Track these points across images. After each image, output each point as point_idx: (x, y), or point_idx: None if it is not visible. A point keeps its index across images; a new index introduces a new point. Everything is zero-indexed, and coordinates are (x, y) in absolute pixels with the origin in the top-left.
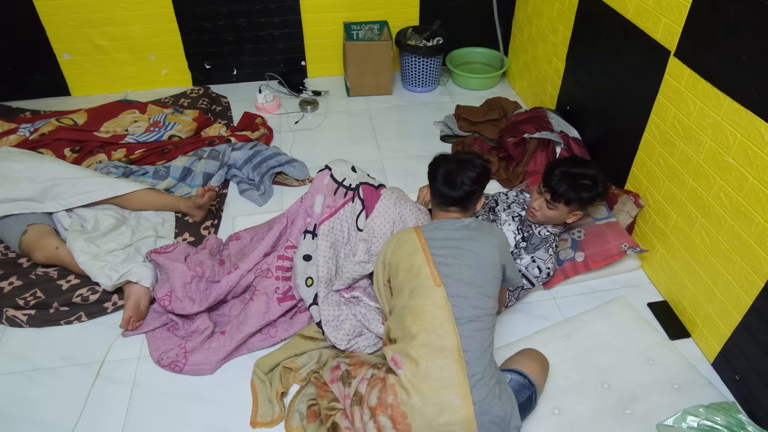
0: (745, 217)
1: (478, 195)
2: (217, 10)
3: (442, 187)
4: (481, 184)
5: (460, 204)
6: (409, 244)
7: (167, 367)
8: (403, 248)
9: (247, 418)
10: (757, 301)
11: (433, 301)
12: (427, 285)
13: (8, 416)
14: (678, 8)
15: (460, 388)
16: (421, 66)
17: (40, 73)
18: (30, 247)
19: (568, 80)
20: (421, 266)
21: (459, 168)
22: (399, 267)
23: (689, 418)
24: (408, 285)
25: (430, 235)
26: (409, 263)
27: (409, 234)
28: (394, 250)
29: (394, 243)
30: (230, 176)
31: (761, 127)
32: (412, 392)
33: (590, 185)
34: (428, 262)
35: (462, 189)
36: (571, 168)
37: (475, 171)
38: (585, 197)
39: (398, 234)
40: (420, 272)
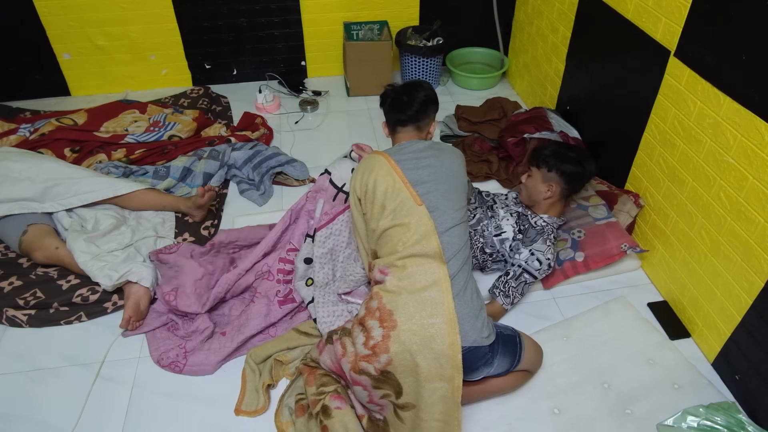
0: (745, 217)
1: (429, 112)
2: (217, 10)
3: (393, 108)
4: (429, 103)
5: (413, 122)
6: (380, 166)
7: (167, 367)
8: (374, 171)
9: (247, 419)
10: (757, 301)
11: (417, 219)
12: (409, 206)
13: (8, 416)
14: (678, 8)
15: (442, 285)
16: (421, 66)
17: (40, 73)
18: (30, 247)
19: (568, 80)
20: (399, 188)
21: (406, 88)
22: (375, 190)
23: (689, 418)
24: (389, 206)
25: (398, 157)
26: (385, 184)
27: (376, 159)
28: (363, 176)
29: (361, 170)
30: (230, 176)
31: (761, 127)
32: (398, 292)
33: (573, 158)
34: (405, 183)
35: (412, 108)
36: (560, 145)
37: (420, 92)
38: (561, 167)
39: (363, 162)
40: (399, 194)
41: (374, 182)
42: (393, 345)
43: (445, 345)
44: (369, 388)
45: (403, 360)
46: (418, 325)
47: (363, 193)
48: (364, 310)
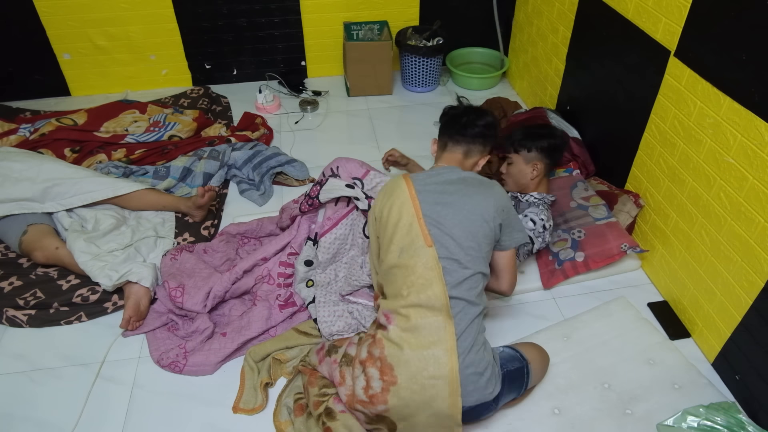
0: (745, 217)
1: (485, 144)
2: (217, 10)
3: (455, 124)
4: (490, 132)
5: (467, 142)
6: (399, 193)
7: (167, 367)
8: (392, 197)
9: (247, 418)
10: (758, 301)
11: (423, 263)
12: (418, 245)
13: (8, 416)
14: (678, 8)
15: (447, 343)
16: (421, 66)
17: (41, 73)
18: (30, 247)
19: (568, 80)
20: (411, 223)
21: (473, 111)
22: (389, 219)
23: (689, 418)
24: (397, 242)
25: (422, 187)
26: (399, 215)
27: (398, 184)
28: (382, 199)
29: (383, 192)
30: (230, 176)
31: (761, 127)
32: (400, 345)
33: (545, 133)
34: (419, 219)
35: (474, 128)
36: (528, 127)
37: (487, 117)
38: (540, 144)
39: (388, 183)
40: (410, 230)
41: (389, 210)
42: (392, 399)
43: (445, 405)
44: (362, 422)
45: (401, 411)
46: (419, 385)
47: (378, 217)
48: (366, 354)
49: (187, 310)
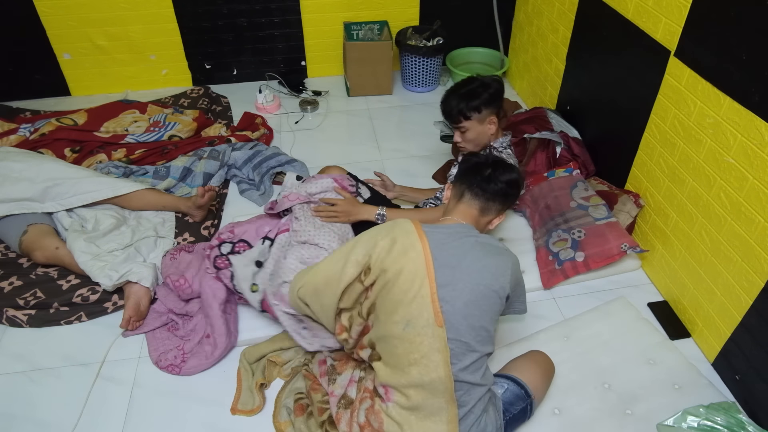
0: (745, 217)
1: (505, 203)
2: (217, 10)
3: (475, 175)
4: (513, 192)
5: (486, 197)
6: (414, 255)
7: (165, 369)
8: (404, 258)
9: (246, 418)
10: (758, 301)
11: (430, 343)
12: (427, 322)
13: (8, 416)
14: (678, 8)
15: (449, 425)
16: (421, 66)
17: (41, 73)
18: (30, 247)
19: (568, 80)
20: (424, 296)
21: (497, 165)
22: (395, 284)
23: (689, 418)
24: (404, 313)
25: (438, 248)
26: (409, 284)
27: (412, 242)
28: (391, 254)
29: (389, 243)
30: (230, 176)
31: (761, 127)
32: (400, 425)
33: (480, 87)
34: (432, 294)
35: (496, 183)
36: (453, 91)
37: (513, 173)
38: (484, 99)
39: (396, 228)
40: (422, 302)
41: (399, 272)
42: None
43: None
44: None
45: None
46: None
47: (381, 272)
48: (364, 419)
49: (196, 296)
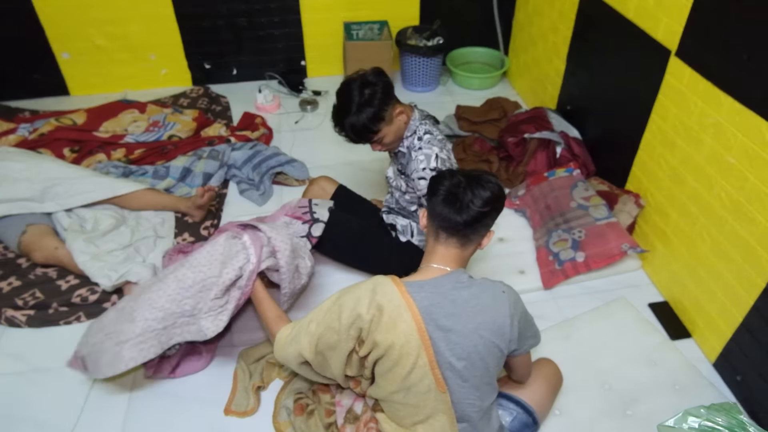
0: (746, 217)
1: (487, 223)
2: (217, 10)
3: (444, 207)
4: (494, 208)
5: (463, 232)
6: (403, 328)
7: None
8: (397, 329)
9: (246, 419)
10: (759, 301)
11: (434, 405)
12: (429, 388)
13: (8, 416)
14: (679, 8)
15: None
16: (421, 66)
17: (40, 73)
18: (29, 247)
19: (568, 80)
20: (421, 366)
21: (468, 185)
22: (389, 355)
23: (690, 418)
24: (402, 383)
25: (429, 313)
26: (405, 356)
27: (396, 305)
28: (379, 325)
29: (375, 313)
30: (230, 176)
31: (762, 126)
32: None
33: (367, 93)
34: (431, 362)
35: (469, 211)
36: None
37: (487, 190)
38: (380, 101)
39: (380, 299)
40: (421, 373)
41: (391, 346)
42: None
43: None
44: None
45: None
46: None
47: (370, 344)
48: None
49: None
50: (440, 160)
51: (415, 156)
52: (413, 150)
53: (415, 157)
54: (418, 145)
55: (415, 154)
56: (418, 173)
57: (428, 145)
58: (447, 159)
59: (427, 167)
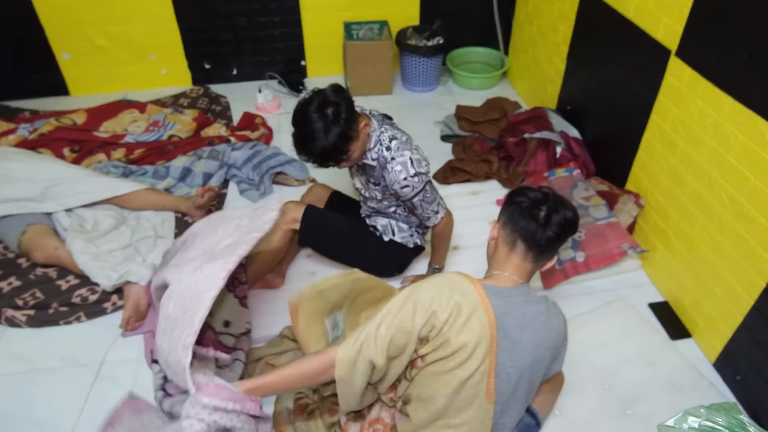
0: (746, 217)
1: (560, 245)
2: (217, 10)
3: (530, 221)
4: (571, 232)
5: (544, 247)
6: (477, 328)
7: None
8: (473, 330)
9: None
10: (759, 301)
11: (474, 414)
12: (479, 394)
13: (8, 416)
14: (679, 8)
15: None
16: (421, 66)
17: (40, 73)
18: (29, 247)
19: (568, 80)
20: (481, 372)
21: (554, 203)
22: (456, 355)
23: (690, 418)
24: (456, 385)
25: (501, 321)
26: (470, 358)
27: (474, 304)
28: (454, 324)
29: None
30: (230, 176)
31: (762, 127)
32: None
33: (332, 112)
34: (491, 370)
35: (554, 228)
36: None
37: (571, 211)
38: (345, 120)
39: (457, 297)
40: (477, 379)
41: (462, 345)
42: None
43: None
44: None
45: None
46: None
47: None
48: None
49: None
50: (416, 163)
51: (391, 168)
52: (387, 162)
53: (391, 169)
54: (389, 156)
55: (391, 166)
56: (399, 184)
57: (399, 153)
58: (421, 157)
59: (408, 175)
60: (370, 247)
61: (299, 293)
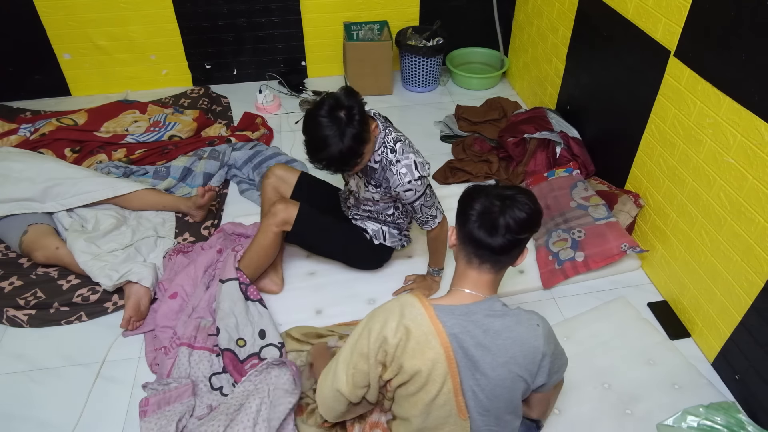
0: (745, 217)
1: (523, 246)
2: (217, 10)
3: (479, 231)
4: (531, 230)
5: (498, 258)
6: (429, 353)
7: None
8: (425, 355)
9: None
10: (757, 301)
11: (452, 430)
12: (451, 413)
13: (8, 416)
14: (678, 8)
15: None
16: (421, 66)
17: (41, 74)
18: (30, 247)
19: (568, 80)
20: (445, 393)
21: (503, 206)
22: (413, 381)
23: (689, 417)
24: (423, 408)
25: (458, 341)
26: (430, 383)
27: (425, 330)
28: (405, 350)
29: (402, 337)
30: (230, 176)
31: (761, 127)
32: None
33: (345, 117)
34: (456, 390)
35: (505, 236)
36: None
37: (523, 212)
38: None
39: (407, 322)
40: (444, 400)
41: (417, 371)
42: None
43: None
44: None
45: None
46: None
47: (396, 368)
48: None
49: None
50: (420, 166)
51: (396, 171)
52: (391, 165)
53: (396, 171)
54: (393, 159)
55: (396, 169)
56: (403, 187)
57: (404, 156)
58: (424, 160)
59: (412, 178)
60: (360, 249)
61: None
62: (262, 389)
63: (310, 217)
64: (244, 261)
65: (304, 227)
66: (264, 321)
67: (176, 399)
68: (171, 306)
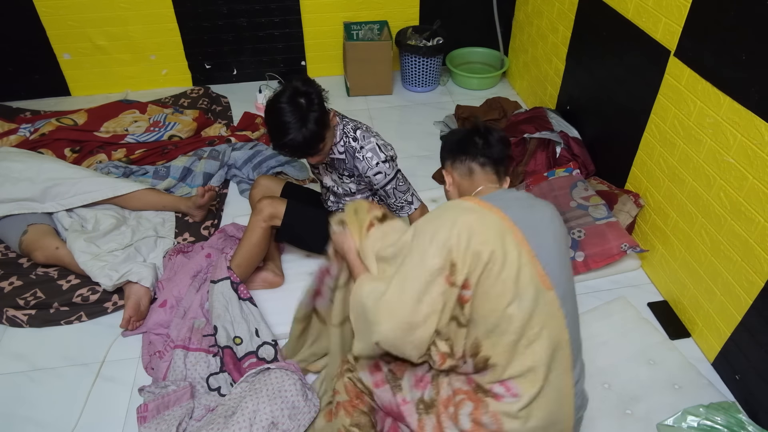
0: (745, 216)
1: (507, 162)
2: (217, 10)
3: (472, 146)
4: (509, 147)
5: (495, 161)
6: (493, 227)
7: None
8: (492, 229)
9: None
10: (757, 300)
11: (542, 309)
12: (536, 288)
13: (8, 416)
14: (678, 8)
15: (567, 399)
16: (421, 66)
17: (41, 74)
18: (30, 247)
19: (568, 80)
20: (525, 264)
21: (484, 131)
22: (494, 257)
23: (689, 417)
24: (515, 287)
25: (509, 211)
26: (505, 249)
27: (483, 217)
28: (471, 238)
29: (464, 230)
30: (230, 176)
31: (761, 126)
32: (526, 419)
33: (304, 102)
34: (531, 258)
35: (496, 146)
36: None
37: (499, 132)
38: (317, 107)
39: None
40: (526, 273)
41: (492, 251)
42: None
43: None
44: None
45: None
46: None
47: (469, 259)
48: (470, 424)
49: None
50: (383, 147)
51: (362, 156)
52: (356, 152)
53: (362, 157)
54: (357, 146)
55: (361, 155)
56: (372, 170)
57: (366, 141)
58: (385, 142)
59: (379, 160)
60: None
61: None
62: (259, 389)
63: (298, 210)
64: (235, 260)
65: (293, 219)
66: (257, 319)
67: (175, 402)
68: (161, 315)
